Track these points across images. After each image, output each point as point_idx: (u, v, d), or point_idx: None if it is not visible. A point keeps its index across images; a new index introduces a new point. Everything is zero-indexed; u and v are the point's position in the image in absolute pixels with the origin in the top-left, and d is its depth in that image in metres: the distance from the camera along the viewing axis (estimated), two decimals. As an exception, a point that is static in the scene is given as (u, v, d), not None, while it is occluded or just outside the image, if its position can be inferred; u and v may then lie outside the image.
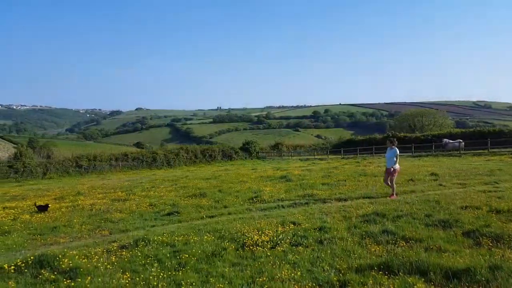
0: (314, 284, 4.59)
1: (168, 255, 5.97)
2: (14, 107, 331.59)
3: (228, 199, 11.80)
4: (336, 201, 10.30)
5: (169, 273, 5.19)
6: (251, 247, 6.13)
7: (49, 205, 11.82)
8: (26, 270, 5.38)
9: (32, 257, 5.69)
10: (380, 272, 4.79)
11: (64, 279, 5.04)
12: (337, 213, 8.36)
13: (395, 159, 10.48)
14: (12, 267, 5.45)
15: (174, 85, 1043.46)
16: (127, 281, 4.91)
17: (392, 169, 10.41)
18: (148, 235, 7.21)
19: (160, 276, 5.03)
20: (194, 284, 4.76)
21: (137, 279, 4.98)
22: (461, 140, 32.13)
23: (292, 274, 4.91)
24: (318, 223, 7.46)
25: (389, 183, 10.51)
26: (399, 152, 10.91)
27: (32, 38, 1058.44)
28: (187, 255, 5.84)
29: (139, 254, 6.10)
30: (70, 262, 5.56)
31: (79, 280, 4.96)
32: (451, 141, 33.62)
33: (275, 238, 6.45)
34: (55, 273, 5.27)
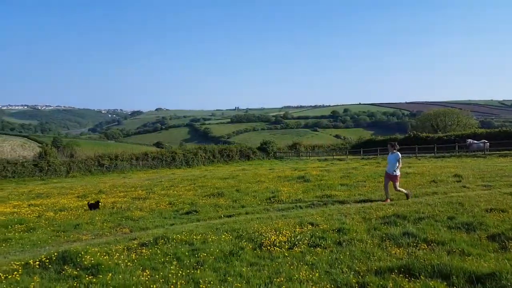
0: (332, 286, 4.55)
1: (186, 253, 6.04)
2: (39, 108, 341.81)
3: (245, 199, 11.83)
4: (355, 202, 10.17)
5: (188, 271, 5.24)
6: (269, 247, 6.12)
7: (100, 202, 11.90)
8: (50, 266, 5.54)
9: (55, 253, 5.84)
10: (401, 275, 4.70)
11: (86, 275, 5.16)
12: (357, 215, 8.26)
13: (397, 164, 10.17)
14: (37, 262, 5.61)
15: (193, 86, 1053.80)
16: (146, 278, 4.99)
17: (394, 173, 10.11)
18: (167, 233, 7.30)
19: (179, 274, 5.09)
20: (212, 282, 4.79)
21: (157, 276, 5.05)
22: (485, 141, 31.14)
23: (310, 275, 4.87)
24: (336, 224, 7.39)
25: (387, 189, 10.16)
26: (401, 156, 10.43)
27: (55, 40, 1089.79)
28: (205, 254, 5.89)
29: (159, 252, 6.19)
30: (92, 258, 5.69)
31: (101, 276, 5.07)
32: (475, 141, 32.67)
33: (293, 239, 6.43)
34: (78, 269, 5.40)
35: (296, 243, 6.24)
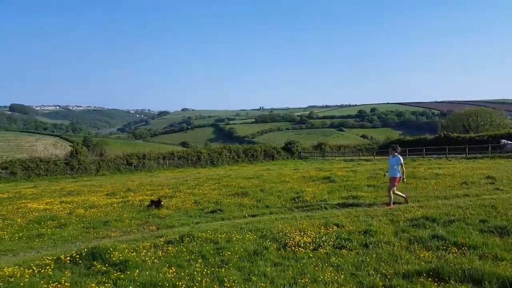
0: (358, 288, 4.48)
1: (211, 251, 6.09)
2: (71, 108, 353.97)
3: (270, 199, 11.82)
4: (382, 204, 9.97)
5: (212, 269, 5.29)
6: (293, 248, 6.09)
7: (162, 202, 11.54)
8: (80, 261, 5.72)
9: (85, 249, 6.03)
10: (429, 279, 4.57)
11: (115, 271, 5.30)
12: (384, 216, 8.09)
13: (399, 167, 9.88)
14: (68, 258, 5.81)
15: (218, 86, 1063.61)
16: (172, 275, 5.07)
17: (398, 178, 9.83)
18: (193, 231, 7.39)
19: (204, 272, 5.14)
20: (236, 281, 4.81)
21: (182, 274, 5.12)
22: (521, 141, 29.85)
23: (336, 277, 4.81)
24: (363, 226, 7.27)
25: (390, 193, 9.85)
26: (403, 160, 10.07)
27: (88, 45, 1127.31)
28: (229, 253, 5.93)
29: (184, 249, 6.28)
30: (120, 255, 5.83)
31: (128, 272, 5.19)
32: (509, 142, 31.31)
33: (318, 240, 6.37)
34: (106, 265, 5.55)
35: (321, 244, 6.18)
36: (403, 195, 9.97)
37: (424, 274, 4.70)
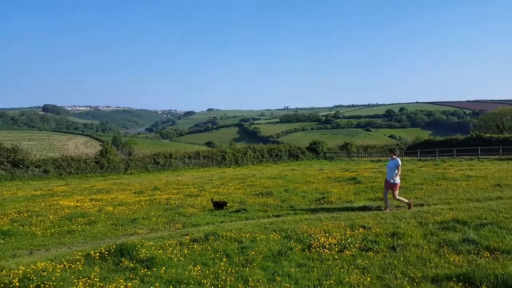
0: (384, 292, 4.39)
1: (236, 251, 6.13)
2: (101, 108, 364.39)
3: (294, 199, 11.76)
4: (398, 206, 9.72)
5: (237, 268, 5.32)
6: (318, 249, 6.04)
7: (227, 203, 11.07)
8: (109, 258, 5.88)
9: (114, 246, 6.19)
10: (460, 284, 4.43)
11: (142, 268, 5.42)
12: (412, 219, 7.88)
13: (396, 171, 9.52)
14: (97, 254, 5.98)
15: (243, 86, 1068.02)
16: (197, 273, 5.14)
17: (392, 181, 9.48)
18: (218, 230, 7.45)
19: (228, 271, 5.18)
20: (260, 281, 4.81)
21: (207, 272, 5.18)
22: (560, 142, 28.35)
23: (361, 280, 4.73)
24: (390, 228, 7.11)
25: (386, 197, 9.56)
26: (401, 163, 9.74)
27: (116, 46, 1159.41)
28: (254, 252, 5.94)
29: (209, 248, 6.35)
30: (147, 252, 5.96)
31: (155, 269, 5.30)
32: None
33: (343, 242, 6.29)
34: (134, 261, 5.68)
35: (347, 246, 6.09)
36: (388, 203, 9.55)
37: (454, 279, 4.56)
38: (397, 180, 9.58)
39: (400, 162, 9.64)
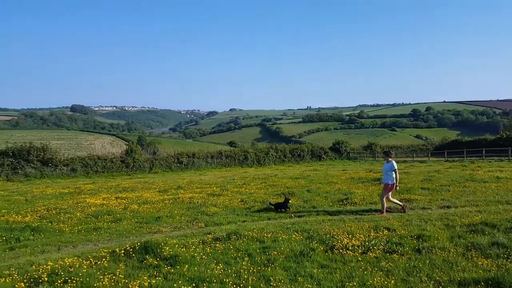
0: (409, 295, 4.29)
1: (257, 250, 6.14)
2: (126, 109, 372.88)
3: (316, 200, 11.67)
4: (437, 208, 9.47)
5: (259, 268, 5.33)
6: (341, 250, 5.97)
7: (290, 200, 10.59)
8: (133, 255, 6.01)
9: (138, 244, 6.32)
10: (489, 289, 4.27)
11: (165, 266, 5.52)
12: (438, 221, 7.68)
13: (393, 174, 9.24)
14: (122, 251, 6.12)
15: (265, 86, 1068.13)
16: (220, 272, 5.18)
17: (391, 185, 9.23)
18: (240, 230, 7.49)
19: (250, 270, 5.19)
20: (282, 281, 4.80)
21: (229, 271, 5.21)
22: None
23: (385, 282, 4.65)
24: (416, 230, 6.94)
25: (383, 200, 9.27)
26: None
27: (142, 48, 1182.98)
28: (275, 252, 5.93)
29: (231, 247, 6.38)
30: (171, 250, 6.05)
31: (178, 267, 5.38)
32: None
33: (367, 243, 6.19)
34: (158, 259, 5.79)
35: (371, 247, 5.99)
36: (400, 203, 9.45)
37: (482, 283, 4.41)
38: (391, 182, 9.38)
39: (396, 166, 9.45)
